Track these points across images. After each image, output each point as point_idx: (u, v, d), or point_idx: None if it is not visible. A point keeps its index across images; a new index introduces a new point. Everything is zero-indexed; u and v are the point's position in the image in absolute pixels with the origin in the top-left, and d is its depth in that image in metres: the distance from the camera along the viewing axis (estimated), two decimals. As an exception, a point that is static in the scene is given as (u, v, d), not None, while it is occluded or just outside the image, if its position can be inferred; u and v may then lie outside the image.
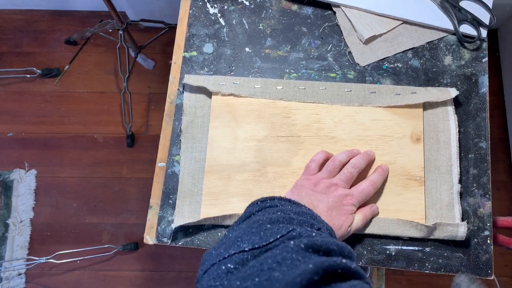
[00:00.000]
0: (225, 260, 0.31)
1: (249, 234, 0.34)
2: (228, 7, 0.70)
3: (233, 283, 0.28)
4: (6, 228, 1.48)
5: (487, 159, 0.63)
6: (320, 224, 0.40)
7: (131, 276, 1.45)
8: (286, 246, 0.30)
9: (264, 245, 0.32)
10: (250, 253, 0.31)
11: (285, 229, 0.34)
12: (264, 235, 0.33)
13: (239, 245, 0.32)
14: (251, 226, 0.36)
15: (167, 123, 0.66)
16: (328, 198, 0.55)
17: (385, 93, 0.64)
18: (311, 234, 0.34)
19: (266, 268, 0.28)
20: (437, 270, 0.59)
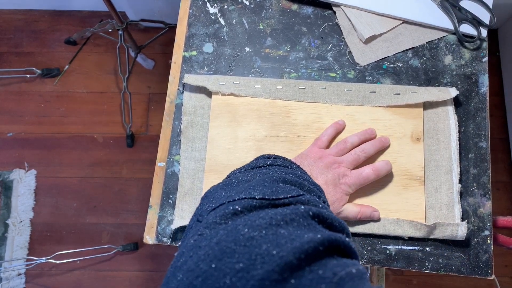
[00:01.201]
0: (234, 202, 0.32)
1: (262, 186, 0.34)
2: (228, 7, 0.70)
3: (240, 228, 0.28)
4: (6, 228, 1.48)
5: (487, 159, 0.63)
6: (325, 198, 0.42)
7: (131, 276, 1.45)
8: (296, 208, 0.30)
9: (274, 199, 0.32)
10: (259, 202, 0.32)
11: (296, 192, 0.34)
12: (276, 191, 0.33)
13: (250, 192, 0.33)
14: (264, 179, 0.36)
15: (167, 123, 0.66)
16: (328, 173, 0.56)
17: (385, 92, 0.64)
18: (318, 204, 0.34)
19: (274, 223, 0.28)
20: (437, 270, 0.59)
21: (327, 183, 0.55)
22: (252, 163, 0.47)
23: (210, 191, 0.37)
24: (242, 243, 0.26)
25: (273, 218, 0.28)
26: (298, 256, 0.24)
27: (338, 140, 0.62)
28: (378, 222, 0.59)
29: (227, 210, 0.31)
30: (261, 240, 0.26)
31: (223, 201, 0.32)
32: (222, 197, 0.33)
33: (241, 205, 0.31)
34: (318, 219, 0.31)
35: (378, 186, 0.61)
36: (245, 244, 0.26)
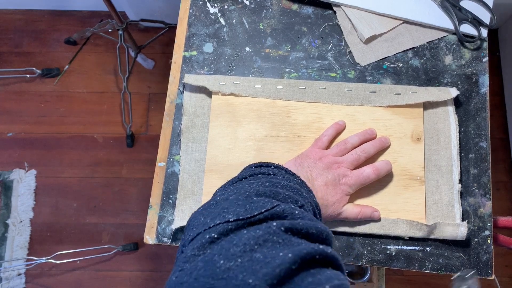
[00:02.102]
0: (209, 230, 0.32)
1: (235, 205, 0.35)
2: (228, 7, 0.70)
3: (216, 259, 0.28)
4: (6, 228, 1.47)
5: (488, 159, 0.63)
6: (305, 200, 0.41)
7: (131, 276, 1.45)
8: (268, 227, 0.31)
9: (248, 217, 0.33)
10: (234, 224, 0.32)
11: (270, 204, 0.34)
12: (250, 208, 0.34)
13: (224, 215, 0.33)
14: (238, 198, 0.36)
15: (167, 123, 0.66)
16: (328, 174, 0.56)
17: (385, 92, 0.64)
18: (294, 212, 0.35)
19: (248, 250, 0.28)
20: (438, 270, 0.59)
21: (327, 183, 0.55)
22: (237, 176, 0.47)
23: (191, 218, 0.37)
24: (220, 276, 0.27)
25: (247, 244, 0.29)
26: (270, 282, 0.25)
27: (338, 141, 0.62)
28: (379, 222, 0.59)
29: (204, 239, 0.31)
30: (237, 270, 0.27)
31: (200, 230, 0.32)
32: (200, 225, 0.33)
33: (217, 231, 0.31)
34: (292, 232, 0.31)
35: (378, 186, 0.61)
36: (222, 276, 0.26)
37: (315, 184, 0.55)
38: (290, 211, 0.35)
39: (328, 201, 0.55)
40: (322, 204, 0.55)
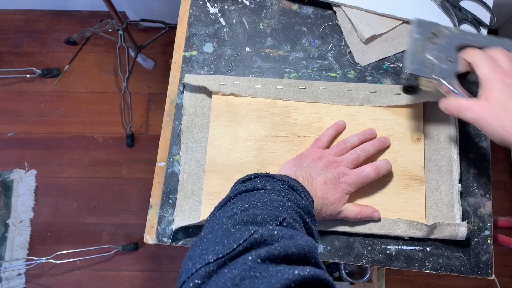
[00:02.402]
0: (193, 276, 0.32)
1: (214, 244, 0.35)
2: (228, 7, 0.70)
3: None
4: (6, 228, 1.48)
5: (488, 159, 0.63)
6: (288, 210, 0.41)
7: (131, 276, 1.45)
8: (244, 263, 0.31)
9: (227, 253, 0.33)
10: (215, 264, 0.32)
11: (247, 232, 0.35)
12: (228, 242, 0.34)
13: (204, 257, 0.33)
14: (216, 235, 0.37)
15: (167, 123, 0.66)
16: (327, 173, 0.56)
17: (385, 92, 0.64)
18: (273, 233, 0.35)
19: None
20: (437, 270, 0.59)
21: (327, 182, 0.55)
22: (225, 197, 0.47)
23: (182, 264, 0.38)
24: None
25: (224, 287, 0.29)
26: None
27: (338, 141, 0.62)
28: (379, 222, 0.59)
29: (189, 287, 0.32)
30: None
31: (184, 278, 0.33)
32: (185, 271, 0.34)
33: (199, 276, 0.32)
34: (270, 260, 0.32)
35: (378, 186, 0.61)
36: None
37: (314, 183, 0.55)
38: (268, 233, 0.35)
39: (328, 200, 0.55)
40: (322, 203, 0.55)
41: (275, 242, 0.34)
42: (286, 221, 0.39)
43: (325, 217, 0.57)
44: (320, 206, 0.55)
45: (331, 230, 0.60)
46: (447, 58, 0.56)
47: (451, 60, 0.56)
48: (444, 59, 0.56)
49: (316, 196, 0.54)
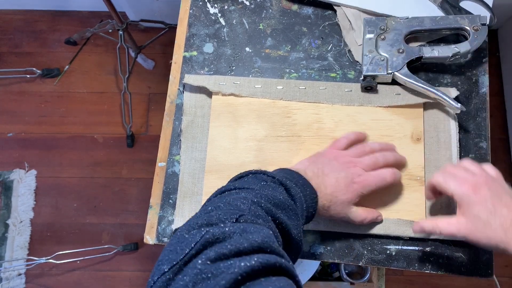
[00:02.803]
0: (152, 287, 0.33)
1: (168, 253, 0.36)
2: (229, 7, 0.70)
3: None
4: (6, 228, 1.48)
5: (488, 159, 0.63)
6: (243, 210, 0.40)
7: (131, 277, 1.45)
8: (194, 268, 0.32)
9: (180, 259, 0.33)
10: (170, 272, 0.33)
11: (198, 235, 0.35)
12: (180, 249, 0.35)
13: (160, 268, 0.34)
14: (171, 243, 0.37)
15: (167, 123, 0.66)
16: (341, 171, 0.54)
17: (385, 93, 0.64)
18: (224, 230, 0.35)
19: None
20: (438, 270, 0.59)
21: (338, 180, 0.54)
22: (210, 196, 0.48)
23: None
24: None
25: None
26: None
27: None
28: (379, 222, 0.59)
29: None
30: None
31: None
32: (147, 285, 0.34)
33: (157, 287, 0.32)
34: (220, 259, 0.32)
35: (378, 186, 0.61)
36: None
37: (325, 179, 0.54)
38: (219, 231, 0.35)
39: (337, 199, 0.54)
40: (331, 200, 0.53)
41: (227, 238, 0.35)
42: (243, 217, 0.39)
43: (332, 215, 0.55)
44: (329, 203, 0.53)
45: (331, 231, 0.60)
46: (397, 50, 0.62)
47: (400, 51, 0.62)
48: (395, 52, 0.62)
49: (325, 193, 0.53)
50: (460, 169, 0.53)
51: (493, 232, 0.48)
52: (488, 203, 0.48)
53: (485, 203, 0.49)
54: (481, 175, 0.51)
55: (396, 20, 0.64)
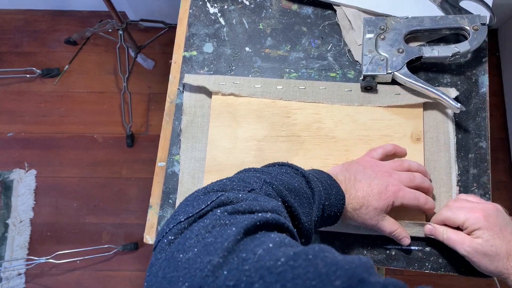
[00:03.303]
0: (166, 234, 0.35)
1: (185, 207, 0.38)
2: (228, 7, 0.70)
3: (175, 255, 0.32)
4: (6, 228, 1.48)
5: (487, 159, 0.63)
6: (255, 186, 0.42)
7: (131, 276, 1.45)
8: (213, 214, 0.35)
9: (196, 212, 0.36)
10: (186, 222, 0.35)
11: (214, 196, 0.38)
12: (197, 204, 0.37)
13: (176, 218, 0.36)
14: (188, 199, 0.40)
15: (167, 123, 0.66)
16: (375, 179, 0.54)
17: (385, 92, 0.64)
18: (238, 196, 0.38)
19: (201, 239, 0.32)
20: (437, 270, 0.59)
21: (371, 186, 0.53)
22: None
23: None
24: (182, 266, 0.31)
25: (199, 235, 0.33)
26: (222, 254, 0.29)
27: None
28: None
29: (163, 243, 0.35)
30: (195, 257, 0.31)
31: (159, 238, 0.36)
32: (160, 232, 0.37)
33: (172, 233, 0.35)
34: (237, 212, 0.35)
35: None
36: (185, 267, 0.30)
37: (357, 184, 0.53)
38: (233, 196, 0.38)
39: (370, 204, 0.52)
40: (363, 204, 0.53)
41: (240, 202, 0.37)
42: (255, 191, 0.41)
43: (363, 221, 0.54)
44: (360, 206, 0.52)
45: (331, 231, 0.60)
46: (397, 50, 0.62)
47: (400, 51, 0.62)
48: (394, 52, 0.62)
49: (355, 195, 0.52)
50: (463, 201, 0.55)
51: (501, 259, 0.50)
52: (498, 230, 0.51)
53: (496, 229, 0.51)
54: (487, 203, 0.54)
55: (396, 19, 0.64)
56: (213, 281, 0.27)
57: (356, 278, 0.25)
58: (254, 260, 0.28)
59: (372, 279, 0.25)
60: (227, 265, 0.29)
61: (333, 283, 0.25)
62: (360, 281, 0.25)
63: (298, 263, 0.27)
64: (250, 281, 0.27)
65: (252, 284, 0.26)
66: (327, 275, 0.26)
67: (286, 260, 0.28)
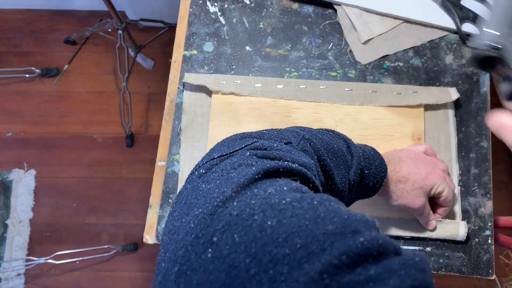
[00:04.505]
0: (199, 168, 0.37)
1: (220, 146, 0.40)
2: (229, 6, 0.70)
3: (199, 185, 0.34)
4: (5, 228, 1.47)
5: (488, 158, 0.63)
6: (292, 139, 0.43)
7: (130, 277, 1.45)
8: (242, 154, 0.36)
9: (230, 153, 0.37)
10: (218, 159, 0.37)
11: (250, 141, 0.39)
12: (232, 145, 0.39)
13: (210, 155, 0.38)
14: (225, 140, 0.41)
15: (167, 122, 0.66)
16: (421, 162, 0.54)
17: (386, 92, 0.64)
18: (272, 145, 0.39)
19: (225, 174, 0.34)
20: (438, 270, 0.59)
21: (417, 165, 0.53)
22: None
23: None
24: (202, 195, 0.32)
25: (224, 170, 0.34)
26: (236, 189, 0.30)
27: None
28: (380, 222, 0.59)
29: (194, 176, 0.36)
30: (215, 188, 0.32)
31: (193, 171, 0.38)
32: (194, 167, 0.39)
33: (204, 167, 0.37)
34: (266, 157, 0.36)
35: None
36: (204, 195, 0.32)
37: (401, 163, 0.53)
38: (268, 144, 0.39)
39: (416, 181, 0.52)
40: (408, 179, 0.52)
41: (274, 150, 0.38)
42: (291, 145, 0.42)
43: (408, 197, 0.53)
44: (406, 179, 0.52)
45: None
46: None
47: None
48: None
49: (400, 171, 0.52)
50: None
51: None
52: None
53: None
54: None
55: None
56: (222, 211, 0.29)
57: (351, 228, 0.26)
58: (262, 196, 0.30)
59: (366, 232, 0.25)
60: (238, 197, 0.30)
61: (326, 227, 0.25)
62: (354, 232, 0.25)
63: (301, 204, 0.28)
64: (251, 213, 0.28)
65: (252, 216, 0.27)
66: (323, 219, 0.26)
67: (290, 201, 0.28)
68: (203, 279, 0.25)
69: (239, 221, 0.27)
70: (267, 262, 0.24)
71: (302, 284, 0.23)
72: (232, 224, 0.27)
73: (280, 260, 0.24)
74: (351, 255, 0.23)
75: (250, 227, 0.27)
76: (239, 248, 0.26)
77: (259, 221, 0.27)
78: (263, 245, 0.25)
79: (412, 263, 0.24)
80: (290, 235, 0.25)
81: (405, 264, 0.23)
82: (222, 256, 0.26)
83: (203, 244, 0.27)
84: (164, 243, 0.33)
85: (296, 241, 0.25)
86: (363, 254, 0.24)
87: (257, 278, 0.24)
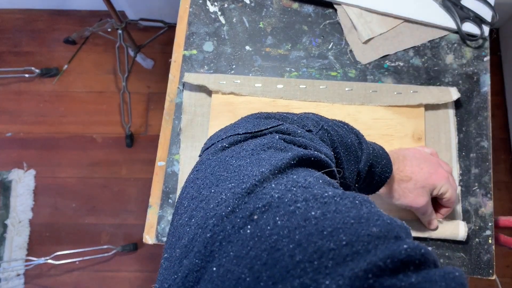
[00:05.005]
0: (222, 140, 0.37)
1: (245, 123, 0.40)
2: (229, 5, 0.70)
3: (228, 159, 0.34)
4: (5, 228, 1.47)
5: (489, 158, 0.62)
6: (312, 128, 0.43)
7: (130, 277, 1.45)
8: (272, 137, 0.36)
9: (255, 131, 0.37)
10: (242, 136, 0.37)
11: (275, 123, 0.39)
12: (257, 124, 0.39)
13: (235, 129, 0.38)
14: (249, 118, 0.41)
15: (166, 122, 0.65)
16: (425, 161, 0.54)
17: (386, 92, 0.64)
18: (296, 131, 0.39)
19: (255, 153, 0.34)
20: (439, 270, 0.59)
21: (420, 165, 0.53)
22: None
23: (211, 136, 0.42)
24: (232, 170, 0.32)
25: (254, 149, 0.34)
26: (273, 171, 0.31)
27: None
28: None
29: (217, 148, 0.36)
30: (247, 165, 0.32)
31: (214, 141, 0.38)
32: (215, 137, 0.39)
33: (228, 141, 0.36)
34: (293, 143, 0.37)
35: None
36: (235, 170, 0.32)
37: (405, 161, 0.53)
38: (293, 129, 0.39)
39: (418, 180, 0.52)
40: (411, 178, 0.52)
41: (298, 137, 0.38)
42: (311, 133, 0.42)
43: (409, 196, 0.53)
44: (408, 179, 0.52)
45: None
46: None
47: None
48: None
49: (403, 170, 0.52)
50: None
51: None
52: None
53: None
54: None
55: None
56: (260, 190, 0.29)
57: (393, 233, 0.26)
58: (303, 184, 0.29)
59: (408, 240, 0.26)
60: (276, 180, 0.30)
61: (370, 229, 0.25)
62: (396, 237, 0.25)
63: (344, 201, 0.28)
64: (294, 199, 0.27)
65: (295, 203, 0.27)
66: (367, 220, 0.26)
67: (333, 195, 0.28)
68: (242, 253, 0.25)
69: (281, 204, 0.27)
70: (312, 252, 0.24)
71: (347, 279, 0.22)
72: (274, 206, 0.27)
73: (325, 253, 0.24)
74: (395, 260, 0.23)
75: (294, 214, 0.26)
76: (282, 231, 0.25)
77: (302, 209, 0.27)
78: (308, 235, 0.25)
79: (453, 277, 0.24)
80: (335, 230, 0.25)
81: (446, 277, 0.23)
82: (264, 235, 0.25)
83: (241, 218, 0.27)
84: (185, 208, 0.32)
85: (341, 238, 0.25)
86: (406, 261, 0.23)
87: (301, 266, 0.24)
